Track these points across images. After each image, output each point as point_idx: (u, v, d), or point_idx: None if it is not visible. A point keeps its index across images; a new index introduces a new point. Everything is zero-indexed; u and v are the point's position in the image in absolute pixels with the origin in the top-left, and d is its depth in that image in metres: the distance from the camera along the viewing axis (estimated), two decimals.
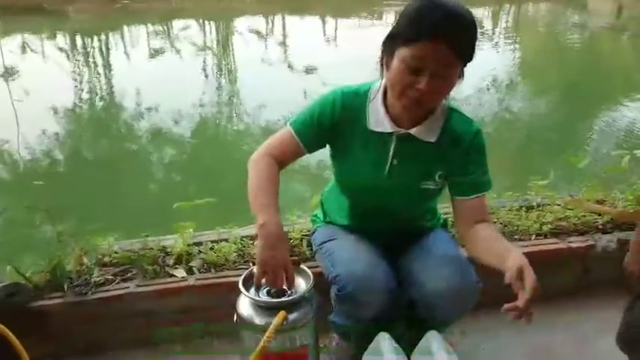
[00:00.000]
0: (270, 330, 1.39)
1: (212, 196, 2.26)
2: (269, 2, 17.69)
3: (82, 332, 1.90)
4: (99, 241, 2.08)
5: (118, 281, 1.93)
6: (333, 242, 1.73)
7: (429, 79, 1.35)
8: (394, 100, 1.48)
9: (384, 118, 1.54)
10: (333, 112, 1.57)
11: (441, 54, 1.32)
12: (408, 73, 1.36)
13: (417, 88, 1.36)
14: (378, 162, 1.59)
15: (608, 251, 2.17)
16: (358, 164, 1.61)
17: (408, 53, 1.34)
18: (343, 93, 1.59)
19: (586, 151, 5.49)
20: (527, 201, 2.43)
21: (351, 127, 1.58)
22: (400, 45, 1.37)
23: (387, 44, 1.44)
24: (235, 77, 9.80)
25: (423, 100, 1.40)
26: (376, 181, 1.60)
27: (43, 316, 1.83)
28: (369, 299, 1.55)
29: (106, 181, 4.78)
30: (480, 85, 7.99)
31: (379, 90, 1.56)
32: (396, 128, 1.54)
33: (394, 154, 1.57)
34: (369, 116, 1.56)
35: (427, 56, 1.32)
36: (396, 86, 1.41)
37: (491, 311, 2.08)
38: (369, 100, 1.57)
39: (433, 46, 1.31)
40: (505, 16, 18.27)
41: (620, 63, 11.02)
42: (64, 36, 13.30)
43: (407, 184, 1.60)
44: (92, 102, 7.89)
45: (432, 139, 1.54)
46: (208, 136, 6.43)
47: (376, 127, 1.56)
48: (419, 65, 1.34)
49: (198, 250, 2.08)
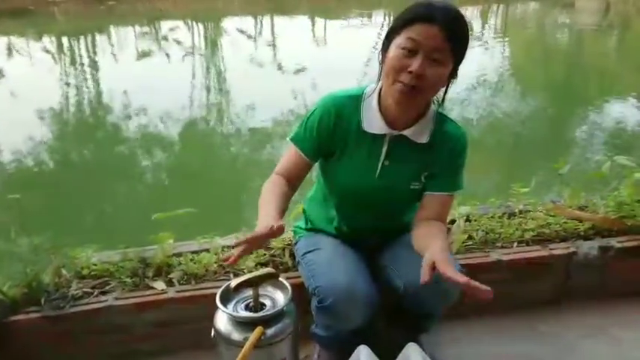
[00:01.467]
0: (247, 347, 1.38)
1: (197, 203, 2.24)
2: (256, 3, 17.64)
3: (58, 348, 1.87)
4: (77, 253, 2.05)
5: (97, 294, 1.90)
6: (315, 253, 1.73)
7: (422, 61, 1.41)
8: (389, 92, 1.52)
9: (378, 119, 1.59)
10: (329, 120, 1.61)
11: (434, 35, 1.40)
12: (403, 56, 1.43)
13: (410, 70, 1.42)
14: (370, 163, 1.63)
15: (589, 258, 2.17)
16: (351, 166, 1.64)
17: (403, 38, 1.44)
18: (336, 98, 1.63)
19: (570, 154, 5.49)
20: (510, 208, 2.43)
21: (345, 130, 1.61)
22: (396, 35, 1.46)
23: (385, 41, 1.52)
24: (224, 79, 9.75)
25: (416, 85, 1.44)
26: (367, 182, 1.63)
27: (17, 331, 1.80)
28: (350, 312, 1.55)
29: (86, 189, 4.70)
30: (467, 85, 8.02)
31: (375, 91, 1.61)
32: (389, 130, 1.59)
33: (386, 156, 1.62)
34: (363, 117, 1.60)
35: (421, 35, 1.41)
36: (390, 72, 1.48)
37: (471, 321, 2.10)
38: (363, 100, 1.62)
39: (427, 27, 1.41)
40: (493, 15, 18.33)
41: (606, 62, 11.09)
42: (50, 38, 13.18)
43: (396, 185, 1.64)
44: (75, 106, 7.81)
45: (423, 140, 1.61)
46: (194, 140, 6.37)
47: (370, 128, 1.60)
48: (413, 46, 1.42)
49: (178, 261, 2.06)
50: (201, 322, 1.66)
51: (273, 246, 2.14)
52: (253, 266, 2.03)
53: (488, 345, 2.02)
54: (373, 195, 1.66)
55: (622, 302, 2.22)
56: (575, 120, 6.78)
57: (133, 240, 2.18)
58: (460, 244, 2.15)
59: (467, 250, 2.16)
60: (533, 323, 2.13)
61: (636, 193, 2.41)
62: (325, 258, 1.67)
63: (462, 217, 2.32)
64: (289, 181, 1.66)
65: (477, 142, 5.67)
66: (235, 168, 5.32)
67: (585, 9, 17.92)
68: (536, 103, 7.92)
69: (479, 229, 2.25)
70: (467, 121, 6.57)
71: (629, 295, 2.24)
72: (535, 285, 2.19)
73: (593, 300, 2.23)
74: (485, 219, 2.33)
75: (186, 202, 2.23)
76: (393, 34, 1.49)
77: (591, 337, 2.07)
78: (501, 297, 2.11)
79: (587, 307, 2.21)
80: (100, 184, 4.91)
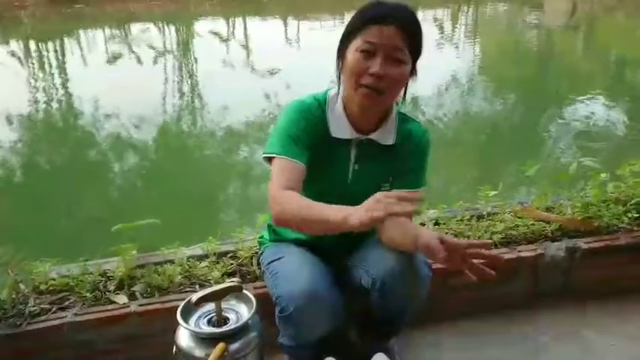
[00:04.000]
0: None
1: (162, 211, 2.18)
2: (228, 5, 17.51)
3: None
4: (35, 267, 1.97)
5: (55, 310, 1.84)
6: (279, 261, 1.70)
7: (381, 62, 1.43)
8: (352, 97, 1.53)
9: (345, 124, 1.60)
10: (299, 124, 1.59)
11: (391, 34, 1.43)
12: (363, 59, 1.45)
13: (371, 72, 1.44)
14: (340, 168, 1.64)
15: (557, 260, 2.18)
16: (323, 172, 1.63)
17: (360, 41, 1.45)
18: (302, 104, 1.62)
19: (538, 155, 5.53)
20: (478, 210, 2.43)
21: (313, 137, 1.60)
22: (352, 39, 1.48)
23: (341, 48, 1.53)
24: (196, 81, 9.63)
25: (379, 87, 1.46)
26: (339, 188, 1.63)
27: None
28: (312, 320, 1.52)
29: (46, 199, 4.53)
30: (437, 86, 8.07)
31: (337, 96, 1.61)
32: (357, 134, 1.60)
33: (355, 160, 1.63)
34: (331, 123, 1.60)
35: (378, 37, 1.43)
36: (351, 77, 1.48)
37: (442, 326, 2.09)
38: (328, 107, 1.61)
39: (382, 27, 1.43)
40: (463, 17, 18.52)
41: (573, 61, 11.28)
42: (17, 42, 12.87)
43: (368, 188, 1.58)
44: (40, 111, 7.60)
45: (389, 142, 1.63)
46: (161, 146, 6.20)
47: (337, 134, 1.60)
48: (371, 48, 1.44)
49: (141, 273, 2.00)
50: (166, 336, 1.61)
51: (240, 255, 2.10)
52: (220, 277, 1.98)
53: (459, 350, 2.01)
54: (345, 200, 1.60)
55: (591, 303, 2.24)
56: (543, 120, 6.86)
57: (95, 252, 2.12)
58: None
59: None
60: (504, 326, 2.13)
61: (602, 194, 2.43)
62: (288, 266, 1.64)
63: (430, 221, 2.31)
64: (297, 191, 1.54)
65: (445, 144, 5.69)
66: (204, 174, 5.21)
67: (554, 10, 18.23)
68: (505, 104, 8.00)
69: (447, 233, 2.24)
70: (434, 122, 6.60)
71: (598, 295, 2.25)
72: (505, 288, 2.19)
73: (562, 301, 2.24)
74: (454, 222, 2.33)
75: (151, 210, 2.18)
76: (349, 38, 1.49)
77: (562, 339, 2.07)
78: (472, 301, 2.13)
79: (557, 309, 2.22)
80: (61, 193, 4.74)
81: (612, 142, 6.01)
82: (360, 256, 1.70)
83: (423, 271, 1.57)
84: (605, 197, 2.43)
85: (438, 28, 14.69)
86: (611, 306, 2.23)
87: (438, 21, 16.08)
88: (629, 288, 2.29)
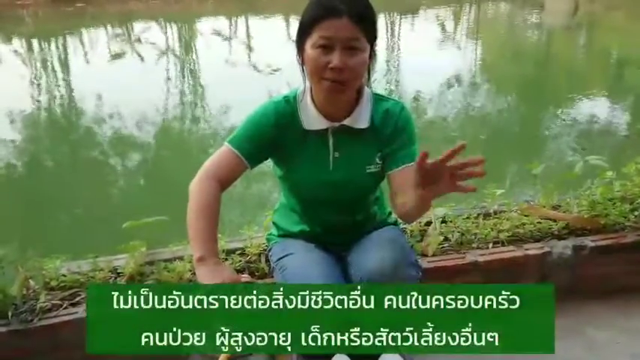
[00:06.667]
0: None
1: (170, 208, 2.19)
2: (229, 4, 17.52)
3: None
4: (45, 263, 1.98)
5: (66, 306, 1.85)
6: (288, 258, 1.73)
7: (340, 54, 1.46)
8: (318, 90, 1.57)
9: (317, 116, 1.62)
10: (269, 123, 1.63)
11: (345, 27, 1.45)
12: (321, 54, 1.47)
13: (332, 67, 1.46)
14: (320, 159, 1.66)
15: (563, 258, 2.19)
16: (303, 166, 1.66)
17: (315, 37, 1.47)
18: (275, 103, 1.66)
19: (543, 154, 5.54)
20: (485, 208, 2.44)
21: (288, 133, 1.64)
22: (307, 36, 1.50)
23: (298, 44, 1.55)
24: (198, 80, 9.64)
25: (342, 78, 1.48)
26: (323, 178, 1.65)
27: None
28: None
29: (55, 196, 4.56)
30: (441, 84, 8.08)
31: (305, 91, 1.64)
32: (330, 123, 1.62)
33: (334, 148, 1.65)
34: (302, 118, 1.63)
35: (332, 30, 1.45)
36: (314, 73, 1.51)
37: None
38: (298, 102, 1.64)
39: (335, 20, 1.45)
40: (465, 15, 18.52)
41: (575, 61, 11.28)
42: (20, 40, 12.89)
43: (353, 173, 1.66)
44: (44, 109, 7.62)
45: (364, 125, 1.64)
46: (167, 144, 6.25)
47: (311, 126, 1.63)
48: (327, 43, 1.46)
49: (151, 269, 2.01)
50: None
51: (249, 252, 2.12)
52: None
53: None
54: (333, 189, 1.67)
55: (596, 302, 2.24)
56: (547, 118, 6.86)
57: (104, 249, 2.13)
58: (436, 246, 2.15)
59: (443, 252, 2.16)
60: None
61: (608, 192, 2.44)
62: (298, 263, 1.67)
63: (438, 219, 2.32)
64: (221, 184, 1.61)
65: (449, 143, 5.67)
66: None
67: (555, 10, 18.20)
68: (510, 102, 8.01)
69: (455, 231, 2.25)
70: (438, 121, 6.60)
71: (604, 294, 2.26)
72: None
73: (567, 300, 2.24)
74: (461, 220, 2.33)
75: (159, 207, 2.18)
76: (304, 35, 1.52)
77: (566, 338, 2.07)
78: None
79: (563, 307, 2.20)
80: (70, 191, 4.77)
81: (617, 141, 6.01)
82: (352, 254, 1.72)
83: (408, 273, 1.57)
84: (611, 195, 2.43)
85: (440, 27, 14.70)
86: (618, 304, 2.23)
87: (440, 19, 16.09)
88: (635, 286, 2.29)
